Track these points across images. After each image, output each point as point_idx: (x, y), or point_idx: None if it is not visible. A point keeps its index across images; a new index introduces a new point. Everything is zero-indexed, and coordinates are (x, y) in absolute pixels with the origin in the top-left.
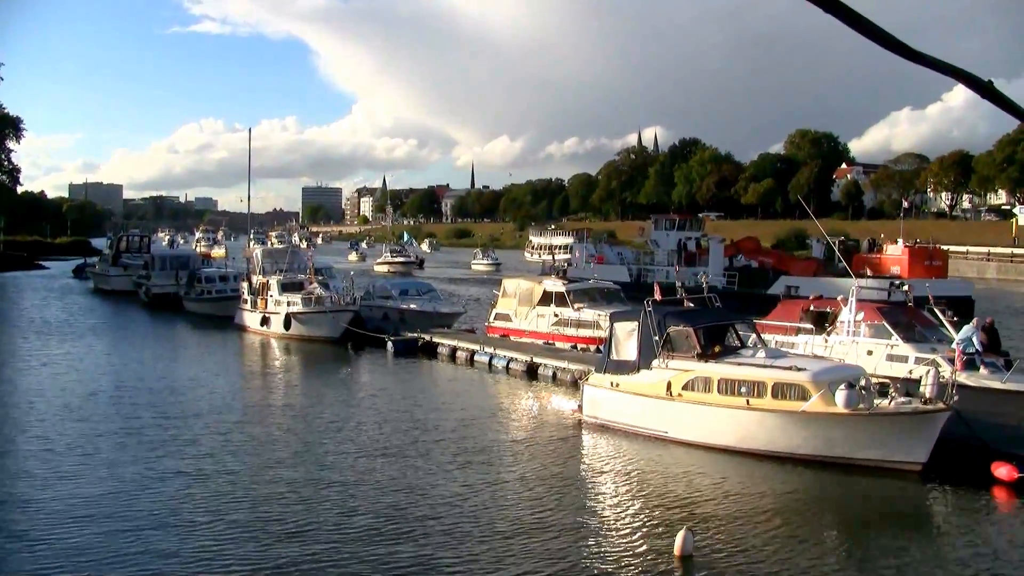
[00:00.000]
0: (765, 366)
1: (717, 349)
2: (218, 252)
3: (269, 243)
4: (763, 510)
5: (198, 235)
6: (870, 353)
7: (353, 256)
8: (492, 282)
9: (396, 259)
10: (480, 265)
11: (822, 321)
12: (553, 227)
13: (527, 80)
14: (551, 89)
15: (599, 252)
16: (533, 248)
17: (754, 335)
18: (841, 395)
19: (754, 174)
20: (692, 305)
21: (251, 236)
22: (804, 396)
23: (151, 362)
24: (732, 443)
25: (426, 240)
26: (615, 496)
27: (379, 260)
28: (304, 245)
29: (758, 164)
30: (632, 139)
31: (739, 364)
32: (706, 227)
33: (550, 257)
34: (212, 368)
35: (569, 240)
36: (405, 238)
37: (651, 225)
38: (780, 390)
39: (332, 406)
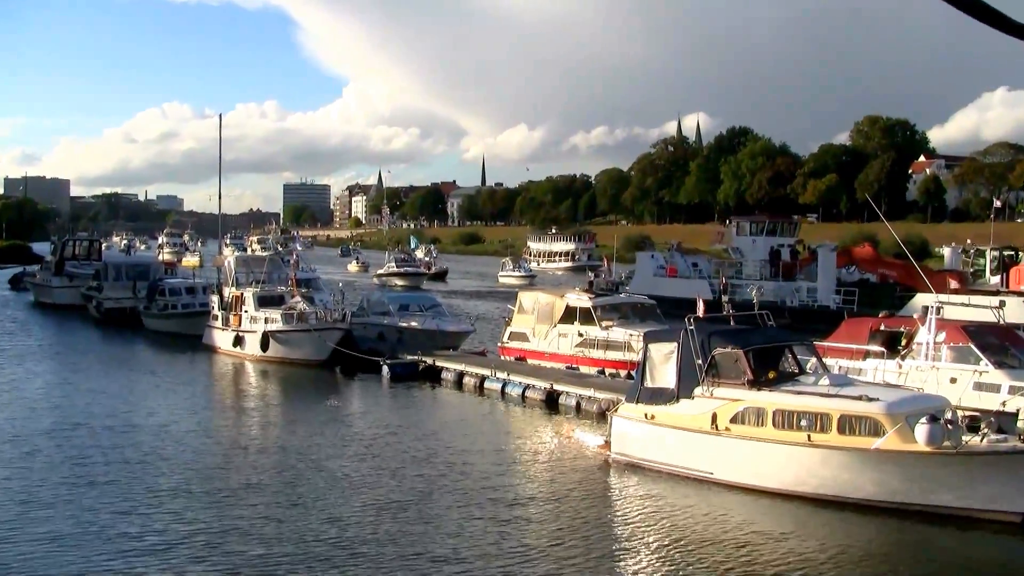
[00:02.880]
0: (829, 395)
1: (771, 375)
2: (190, 261)
3: (249, 250)
4: (827, 567)
5: (162, 240)
6: (954, 381)
7: (353, 266)
8: None
9: (404, 269)
10: (509, 277)
11: (895, 343)
12: (554, 231)
13: (549, 60)
14: (576, 70)
15: (670, 262)
16: (531, 255)
17: (814, 359)
18: (922, 430)
19: (814, 169)
20: (740, 323)
21: (225, 241)
22: (877, 431)
23: (103, 392)
24: (789, 486)
25: (421, 247)
26: (649, 550)
27: (381, 271)
28: (297, 250)
29: (819, 157)
30: (670, 128)
31: (798, 393)
32: (800, 231)
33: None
34: (176, 398)
35: (571, 246)
36: (413, 244)
37: (731, 229)
38: (848, 424)
39: (317, 443)
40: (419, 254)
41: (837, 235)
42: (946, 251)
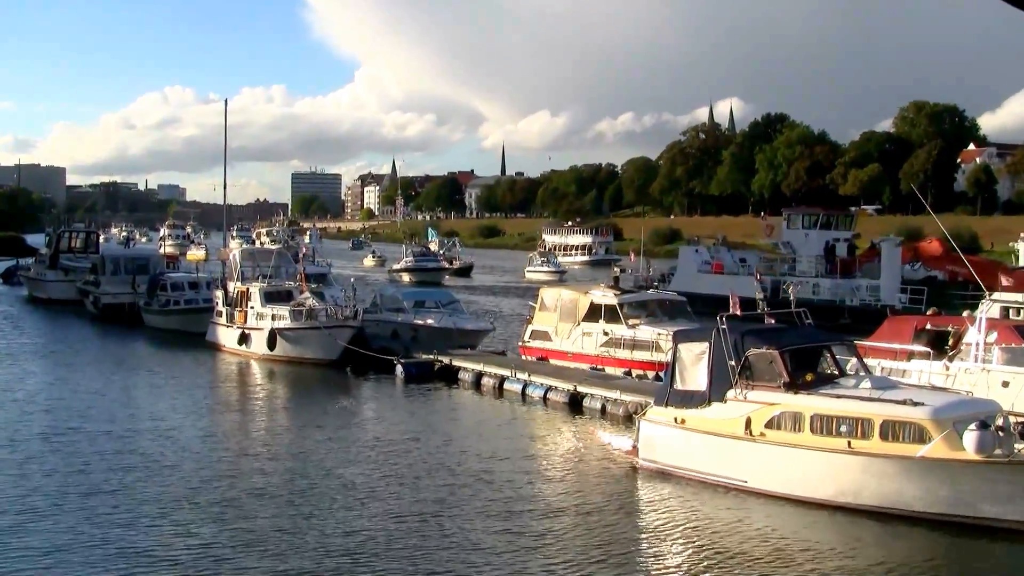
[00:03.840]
0: (871, 399)
1: (809, 377)
2: (195, 254)
3: (258, 242)
4: None
5: (164, 231)
6: (1006, 384)
7: (369, 260)
8: None
9: (423, 263)
10: (538, 273)
11: (941, 343)
12: (569, 224)
13: (573, 41)
14: (602, 52)
15: (716, 257)
16: (546, 249)
17: (855, 359)
18: (972, 437)
19: (855, 158)
20: (776, 322)
21: (232, 233)
22: (922, 438)
23: (101, 393)
24: (828, 496)
25: (436, 239)
26: (678, 563)
27: (397, 265)
28: (306, 242)
29: (860, 146)
30: (702, 115)
31: (838, 396)
32: (857, 223)
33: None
34: (179, 400)
35: (587, 239)
36: (431, 236)
37: (781, 222)
38: (891, 429)
39: (328, 448)
40: (433, 247)
41: (880, 229)
42: (1021, 246)
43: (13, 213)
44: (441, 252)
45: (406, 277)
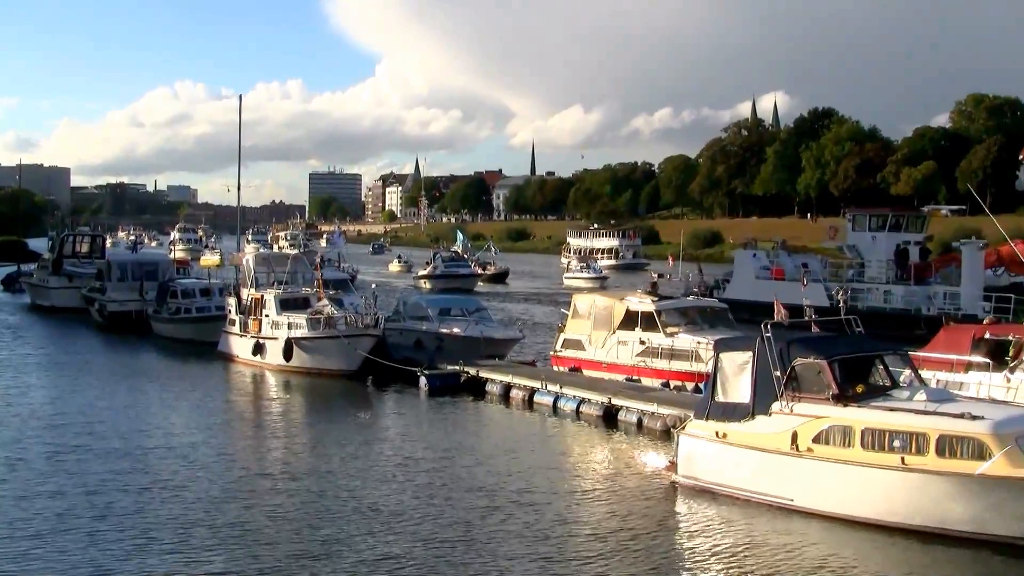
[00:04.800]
0: (927, 412)
1: (860, 389)
2: (209, 259)
3: (276, 246)
4: None
5: (174, 235)
6: None
7: (394, 265)
8: None
9: (454, 270)
10: (577, 279)
11: (1001, 353)
12: (596, 226)
13: (607, 32)
14: (638, 44)
15: (776, 262)
16: (571, 253)
17: (909, 370)
18: None
19: (908, 155)
20: (824, 330)
21: (247, 236)
22: (982, 454)
23: (107, 408)
24: (880, 515)
25: (466, 243)
26: None
27: (425, 271)
28: (322, 245)
29: (914, 142)
30: (744, 110)
31: (890, 409)
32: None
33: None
34: (189, 415)
35: (614, 242)
36: (460, 240)
37: (845, 223)
38: (948, 445)
39: (347, 467)
40: (457, 249)
41: (934, 230)
42: None
43: (14, 216)
44: (475, 256)
45: (428, 284)
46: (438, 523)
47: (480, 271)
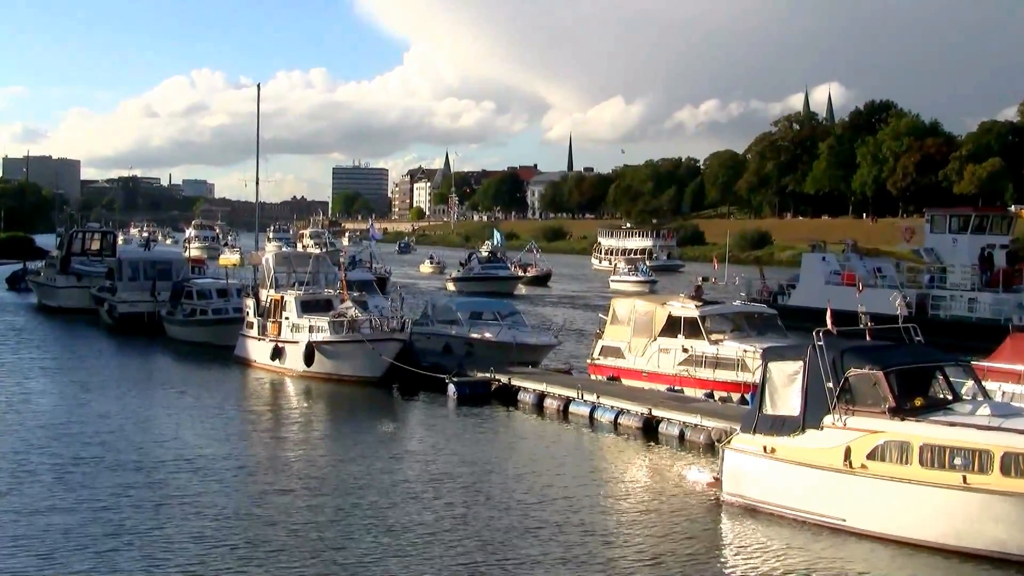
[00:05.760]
0: (991, 427)
1: (919, 402)
2: (229, 258)
3: (299, 245)
4: None
5: (189, 232)
6: None
7: (426, 266)
8: None
9: (493, 272)
10: (624, 283)
11: None
12: (629, 225)
13: (649, 19)
14: (682, 32)
15: (846, 267)
16: (602, 254)
17: (972, 382)
18: None
19: (972, 152)
20: (880, 339)
21: (268, 234)
22: None
23: (117, 415)
24: (939, 538)
25: (496, 242)
26: None
27: (457, 273)
28: (345, 245)
29: (979, 137)
30: (796, 103)
31: (951, 424)
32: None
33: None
34: (205, 424)
35: (647, 243)
36: (497, 239)
37: (924, 224)
38: (1013, 463)
39: (373, 481)
40: (485, 249)
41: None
42: None
43: (21, 210)
44: (517, 258)
45: (454, 287)
46: (469, 544)
47: (521, 273)
